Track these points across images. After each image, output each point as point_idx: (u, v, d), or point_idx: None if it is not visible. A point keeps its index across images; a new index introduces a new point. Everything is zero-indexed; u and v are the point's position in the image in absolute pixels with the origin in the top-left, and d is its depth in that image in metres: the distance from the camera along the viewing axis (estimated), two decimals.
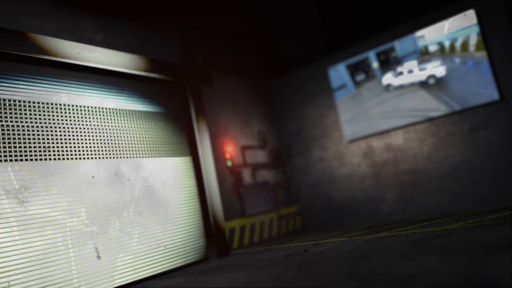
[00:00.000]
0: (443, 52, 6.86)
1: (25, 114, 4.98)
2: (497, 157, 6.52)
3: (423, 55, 7.14)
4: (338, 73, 8.38)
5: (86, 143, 5.58)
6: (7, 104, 4.80)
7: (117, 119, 6.11)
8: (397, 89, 7.47)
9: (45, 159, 5.03)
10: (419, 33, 7.19)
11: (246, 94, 9.04)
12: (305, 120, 9.21)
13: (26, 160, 4.85)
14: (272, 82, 9.83)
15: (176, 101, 7.36)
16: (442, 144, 7.12)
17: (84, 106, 5.68)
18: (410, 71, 7.26)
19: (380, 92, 7.75)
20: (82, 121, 5.62)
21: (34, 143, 5.00)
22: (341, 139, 8.60)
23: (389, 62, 7.51)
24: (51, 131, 5.22)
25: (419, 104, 7.15)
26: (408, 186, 7.56)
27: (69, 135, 5.40)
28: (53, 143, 5.20)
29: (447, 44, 6.80)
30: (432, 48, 7.00)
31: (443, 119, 7.12)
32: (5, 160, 4.63)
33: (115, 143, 5.96)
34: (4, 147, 4.66)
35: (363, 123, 8.12)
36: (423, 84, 7.11)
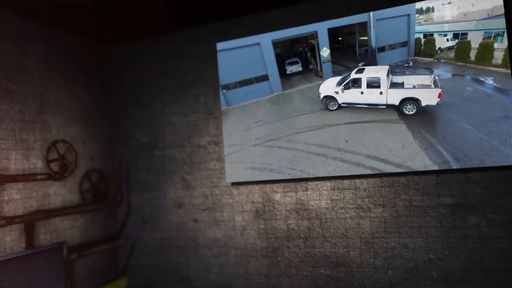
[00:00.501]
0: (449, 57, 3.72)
1: None
2: (490, 260, 3.60)
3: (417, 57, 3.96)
4: (248, 55, 4.68)
5: None
6: None
7: None
8: (345, 108, 4.13)
9: None
10: None
11: (46, 60, 4.37)
12: (163, 128, 5.09)
13: None
14: (108, 49, 5.37)
15: None
16: (399, 223, 3.92)
17: None
18: (373, 83, 4.03)
19: (317, 106, 4.36)
20: None
21: None
22: (221, 176, 4.79)
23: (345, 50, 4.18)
24: None
25: (378, 143, 3.93)
26: (326, 286, 4.18)
27: None
28: None
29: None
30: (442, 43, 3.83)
31: (413, 178, 3.98)
32: None
33: None
34: None
35: (265, 155, 4.55)
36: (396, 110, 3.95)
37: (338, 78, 17.70)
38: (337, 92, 16.17)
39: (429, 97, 13.49)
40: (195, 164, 4.88)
